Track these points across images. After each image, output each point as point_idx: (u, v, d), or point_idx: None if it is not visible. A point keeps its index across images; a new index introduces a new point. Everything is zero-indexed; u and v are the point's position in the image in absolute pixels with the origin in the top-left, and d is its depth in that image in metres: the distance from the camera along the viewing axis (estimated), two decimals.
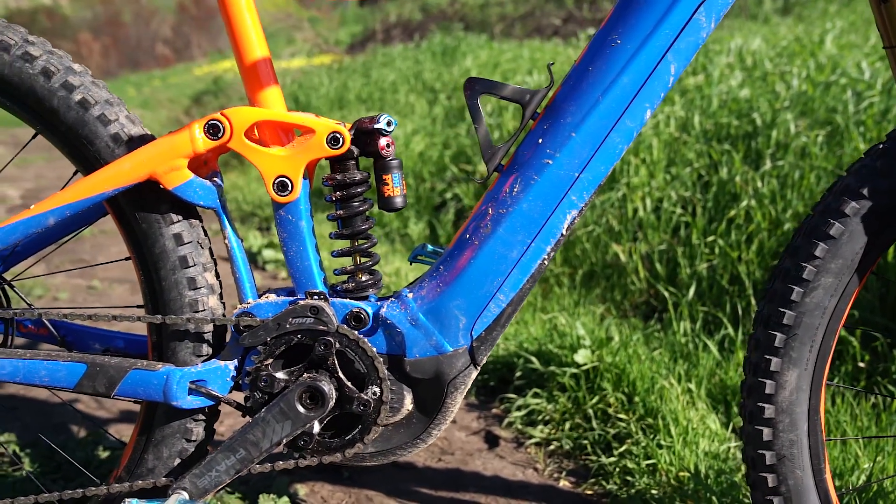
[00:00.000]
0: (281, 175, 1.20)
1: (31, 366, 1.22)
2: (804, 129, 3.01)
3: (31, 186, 6.79)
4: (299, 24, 12.87)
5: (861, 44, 4.27)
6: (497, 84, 1.19)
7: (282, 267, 3.91)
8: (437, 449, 2.16)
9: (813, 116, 3.10)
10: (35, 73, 1.20)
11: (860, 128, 2.84)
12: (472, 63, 6.21)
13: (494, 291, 1.20)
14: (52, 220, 1.20)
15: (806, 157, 2.90)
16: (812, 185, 2.74)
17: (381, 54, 8.27)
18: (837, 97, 3.17)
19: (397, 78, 6.44)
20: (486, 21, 11.32)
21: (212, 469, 1.22)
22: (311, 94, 6.84)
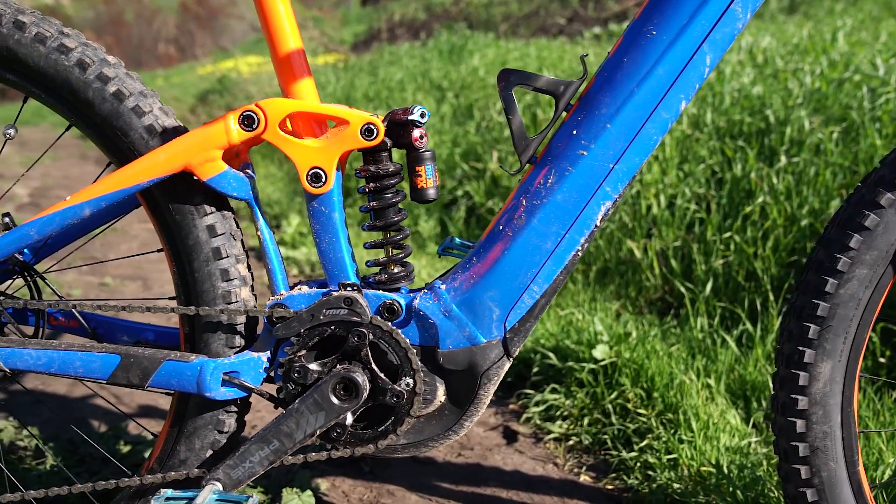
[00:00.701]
0: (315, 166, 1.20)
1: (66, 357, 1.22)
2: (818, 125, 3.01)
3: (38, 185, 6.80)
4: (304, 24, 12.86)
5: (871, 41, 4.26)
6: (531, 75, 1.19)
7: (293, 264, 3.91)
8: (457, 444, 2.17)
9: (827, 113, 3.10)
10: (70, 64, 1.20)
11: (876, 124, 2.84)
12: (480, 62, 6.21)
13: (528, 283, 1.20)
14: (87, 211, 1.20)
15: (821, 153, 2.89)
16: (828, 181, 2.73)
17: (387, 53, 8.28)
18: (851, 94, 3.17)
19: (405, 76, 6.44)
20: (491, 20, 11.31)
21: (245, 460, 1.23)
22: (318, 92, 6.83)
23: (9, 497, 1.27)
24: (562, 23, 10.89)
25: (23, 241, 1.21)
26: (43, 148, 9.59)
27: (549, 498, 1.90)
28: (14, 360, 1.21)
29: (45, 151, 1.43)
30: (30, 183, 6.83)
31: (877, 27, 5.03)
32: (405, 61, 7.26)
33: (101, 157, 9.23)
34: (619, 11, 11.02)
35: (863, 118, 2.88)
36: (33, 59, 1.20)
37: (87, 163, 8.74)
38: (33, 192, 6.35)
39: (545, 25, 10.86)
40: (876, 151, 2.69)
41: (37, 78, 1.22)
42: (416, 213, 4.27)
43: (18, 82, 1.23)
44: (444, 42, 7.78)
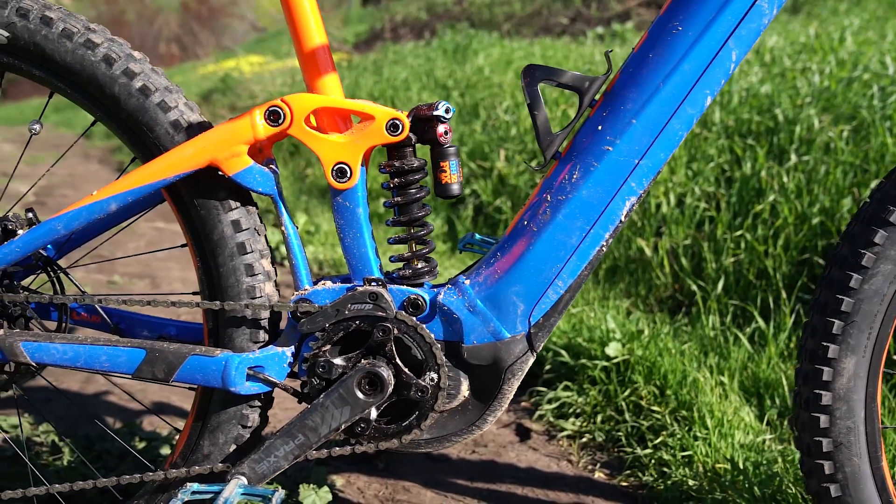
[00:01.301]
0: (340, 161, 1.21)
1: (91, 351, 1.22)
2: (828, 124, 3.01)
3: (43, 183, 6.80)
4: None
5: (878, 40, 4.27)
6: (556, 71, 1.20)
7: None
8: (470, 441, 2.17)
9: (836, 112, 3.11)
10: (97, 60, 1.21)
11: (886, 122, 2.84)
12: (485, 61, 6.21)
13: (553, 278, 1.21)
14: (114, 205, 1.20)
15: (831, 152, 2.90)
16: (838, 180, 2.74)
17: (391, 52, 8.28)
18: (860, 93, 3.17)
19: (409, 75, 6.44)
20: (494, 20, 11.32)
21: (270, 454, 1.23)
22: None
23: (34, 491, 1.27)
24: (564, 23, 10.89)
25: (49, 236, 1.21)
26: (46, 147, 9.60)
27: (564, 494, 1.91)
28: (41, 355, 1.22)
29: (72, 146, 1.43)
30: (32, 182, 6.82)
31: (883, 27, 5.03)
32: (409, 60, 7.27)
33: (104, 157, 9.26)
34: (621, 11, 11.02)
35: (873, 117, 2.88)
36: (60, 54, 1.21)
37: (91, 161, 8.76)
38: (38, 191, 6.34)
39: (548, 25, 10.87)
40: (887, 150, 2.69)
41: (63, 73, 1.22)
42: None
43: (45, 78, 1.23)
44: (448, 41, 7.79)
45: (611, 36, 8.87)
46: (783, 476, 1.73)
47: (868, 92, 3.12)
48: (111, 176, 7.85)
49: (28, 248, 1.21)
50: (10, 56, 1.22)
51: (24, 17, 1.20)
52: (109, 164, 8.79)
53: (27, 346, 1.21)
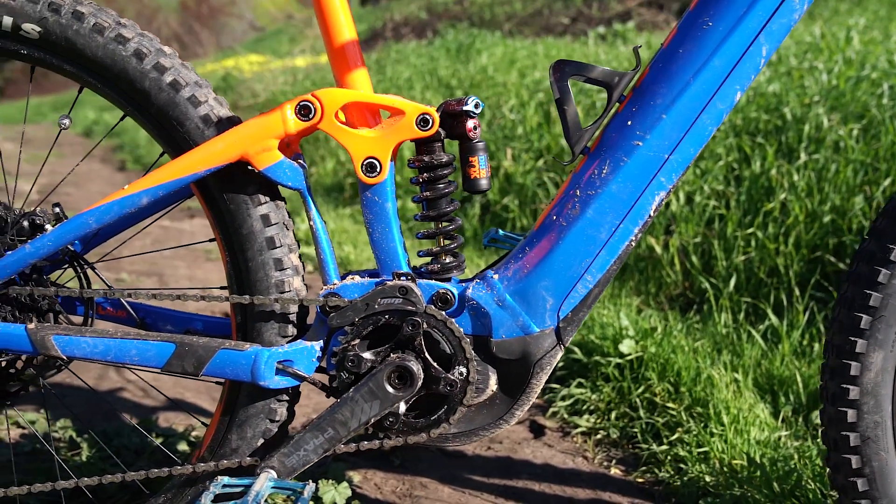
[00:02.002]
0: (370, 156, 1.21)
1: (121, 345, 1.23)
2: (837, 123, 3.02)
3: (45, 181, 6.78)
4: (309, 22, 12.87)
5: (883, 39, 4.28)
6: (587, 66, 1.20)
7: (308, 261, 3.92)
8: (485, 437, 2.17)
9: (844, 111, 3.11)
10: (128, 54, 1.21)
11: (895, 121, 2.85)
12: (489, 60, 6.22)
13: (582, 272, 1.21)
14: (145, 199, 1.21)
15: (841, 150, 2.91)
16: (849, 178, 2.75)
17: (394, 51, 8.28)
18: (869, 91, 3.18)
19: (413, 74, 6.45)
20: (495, 20, 11.32)
21: (300, 448, 1.23)
22: None
23: (64, 484, 1.28)
24: (565, 22, 10.91)
25: (81, 230, 1.21)
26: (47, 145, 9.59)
27: (581, 491, 1.91)
28: (72, 348, 1.22)
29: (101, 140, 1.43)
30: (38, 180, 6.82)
31: (887, 26, 5.05)
32: (412, 59, 7.27)
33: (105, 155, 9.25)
34: (622, 11, 11.04)
35: (883, 115, 2.89)
36: (91, 49, 1.21)
37: (93, 160, 8.74)
38: (42, 189, 6.33)
39: (549, 25, 10.88)
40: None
41: (94, 68, 1.22)
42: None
43: (75, 73, 1.24)
44: (451, 40, 7.79)
45: (612, 36, 8.87)
46: (802, 472, 1.73)
47: (877, 91, 3.13)
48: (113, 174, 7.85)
49: (59, 241, 1.22)
50: (41, 51, 1.23)
51: (56, 12, 1.20)
52: (111, 163, 8.79)
53: (58, 339, 1.22)
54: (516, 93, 4.84)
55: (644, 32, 9.19)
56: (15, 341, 1.22)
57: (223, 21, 31.08)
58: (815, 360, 2.26)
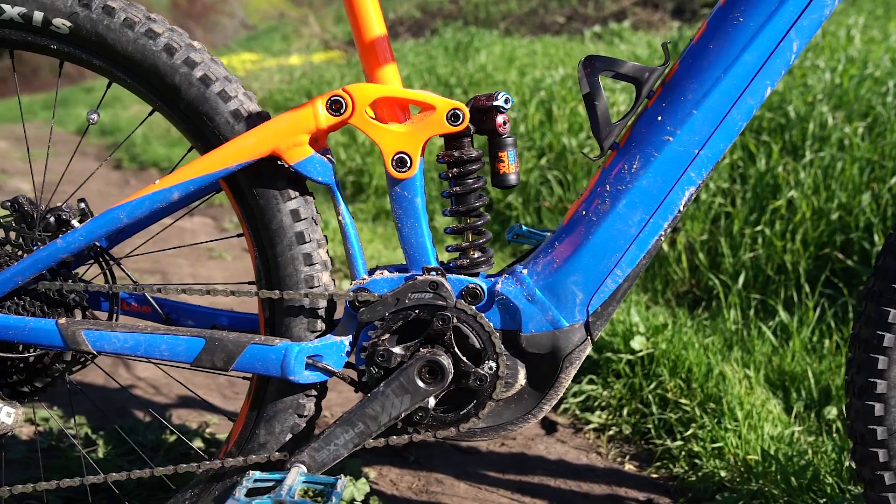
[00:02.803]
0: (400, 151, 1.21)
1: (151, 340, 1.22)
2: (841, 121, 3.04)
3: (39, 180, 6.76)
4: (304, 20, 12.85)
5: (883, 39, 4.30)
6: (617, 61, 1.21)
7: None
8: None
9: (848, 109, 3.13)
10: (158, 49, 1.21)
11: None
12: (487, 59, 6.22)
13: (612, 267, 1.22)
14: (176, 194, 1.21)
15: (845, 148, 2.92)
16: (854, 176, 2.76)
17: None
18: (872, 90, 3.20)
19: (411, 73, 6.44)
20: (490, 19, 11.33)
21: (330, 443, 1.23)
22: (324, 88, 6.84)
23: (92, 479, 1.27)
24: (561, 21, 10.92)
25: (112, 225, 1.21)
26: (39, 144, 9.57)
27: (597, 486, 1.92)
28: (102, 343, 1.22)
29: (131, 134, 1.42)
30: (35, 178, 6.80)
31: (885, 26, 5.07)
32: (410, 58, 7.27)
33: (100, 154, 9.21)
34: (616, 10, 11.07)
35: (889, 113, 2.91)
36: (122, 44, 1.21)
37: (87, 159, 8.70)
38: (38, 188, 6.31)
39: (544, 24, 10.89)
40: None
41: (124, 63, 1.22)
42: (432, 209, 4.28)
43: (104, 67, 1.23)
44: (448, 39, 7.79)
45: (608, 35, 8.90)
46: (819, 466, 1.74)
47: (881, 89, 3.15)
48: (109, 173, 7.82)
49: (90, 236, 1.21)
50: (70, 46, 1.22)
51: (87, 7, 1.20)
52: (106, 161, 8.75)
53: (89, 334, 1.21)
54: (517, 91, 4.84)
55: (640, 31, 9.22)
56: (45, 336, 1.22)
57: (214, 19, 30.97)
58: (825, 356, 2.27)
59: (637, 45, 6.16)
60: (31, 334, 1.22)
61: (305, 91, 7.00)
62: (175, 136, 8.19)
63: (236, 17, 31.27)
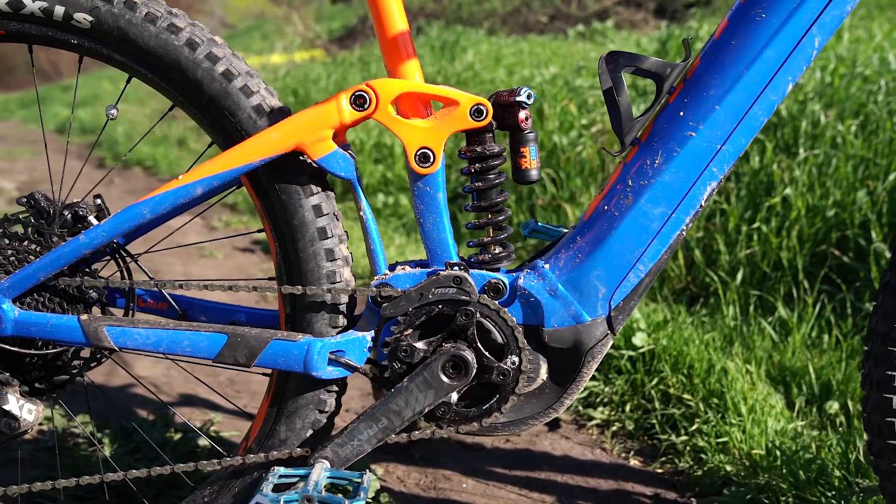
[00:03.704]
0: (424, 146, 1.21)
1: (174, 336, 1.22)
2: (833, 119, 3.07)
3: (25, 178, 6.72)
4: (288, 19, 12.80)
5: (869, 38, 4.35)
6: (639, 57, 1.21)
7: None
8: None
9: (839, 107, 3.16)
10: (180, 44, 1.20)
11: (894, 117, 2.90)
12: (475, 58, 6.23)
13: (634, 262, 1.23)
14: (199, 189, 1.20)
15: (838, 146, 2.95)
16: (848, 173, 2.79)
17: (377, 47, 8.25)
18: (863, 88, 3.23)
19: None
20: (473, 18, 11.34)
21: (354, 438, 1.23)
22: (310, 87, 6.82)
23: (112, 476, 1.27)
24: (544, 21, 10.96)
25: (135, 220, 1.21)
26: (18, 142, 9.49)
27: (604, 481, 1.93)
28: (124, 339, 1.21)
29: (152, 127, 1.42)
30: (16, 177, 6.75)
31: (869, 26, 5.13)
32: None
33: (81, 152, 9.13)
34: (599, 10, 11.12)
35: (881, 111, 2.94)
36: (143, 38, 1.20)
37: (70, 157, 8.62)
38: (21, 186, 6.26)
39: (527, 23, 10.92)
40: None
41: (145, 58, 1.21)
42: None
43: (125, 62, 1.23)
44: (434, 38, 7.79)
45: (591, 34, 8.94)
46: (826, 460, 1.76)
47: (871, 88, 3.18)
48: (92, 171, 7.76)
49: (113, 232, 1.21)
50: (91, 41, 1.21)
51: (108, 1, 1.19)
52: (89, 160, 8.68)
53: (111, 330, 1.21)
54: None
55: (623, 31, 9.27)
56: (68, 332, 1.21)
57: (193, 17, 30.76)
58: (826, 352, 2.30)
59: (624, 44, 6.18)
60: (54, 330, 1.21)
61: (291, 90, 6.97)
62: (159, 135, 8.13)
63: (215, 16, 31.09)
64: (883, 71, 3.32)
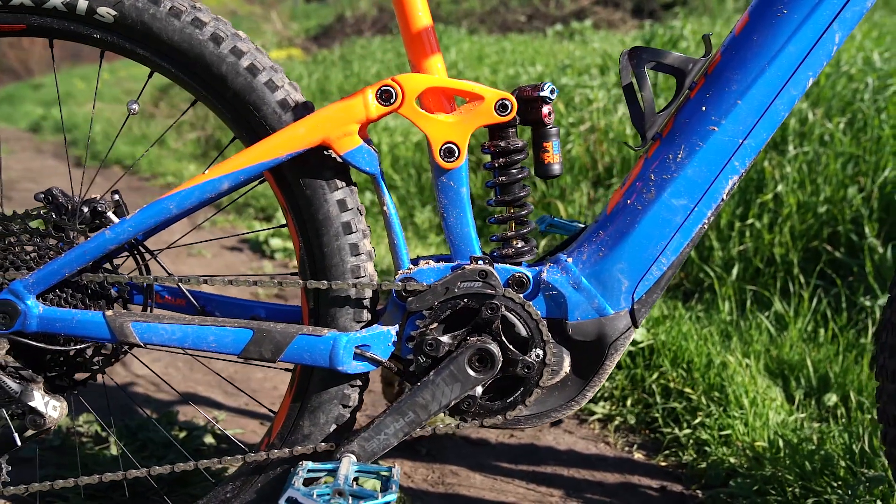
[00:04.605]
0: (449, 141, 1.22)
1: (199, 332, 1.22)
2: (821, 117, 3.11)
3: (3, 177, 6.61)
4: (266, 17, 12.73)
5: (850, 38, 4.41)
6: (661, 52, 1.23)
7: (291, 256, 3.89)
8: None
9: (826, 105, 3.21)
10: (205, 39, 1.20)
11: (882, 115, 2.95)
12: (457, 56, 6.24)
13: (657, 255, 1.24)
14: (226, 184, 1.20)
15: (826, 144, 2.99)
16: (837, 170, 2.83)
17: (359, 46, 8.25)
18: (848, 87, 3.28)
19: (380, 69, 6.43)
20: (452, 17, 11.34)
21: (381, 432, 1.24)
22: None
23: (135, 473, 1.26)
24: (522, 20, 10.98)
25: (162, 215, 1.20)
26: None
27: (609, 475, 1.94)
28: (149, 335, 1.21)
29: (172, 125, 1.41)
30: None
31: None
32: (379, 55, 7.26)
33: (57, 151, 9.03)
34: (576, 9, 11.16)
35: (869, 109, 2.98)
36: (167, 33, 1.19)
37: (44, 157, 8.54)
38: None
39: (506, 22, 10.94)
40: (888, 141, 2.79)
41: (169, 52, 1.21)
42: (411, 205, 4.29)
43: (147, 57, 1.22)
44: None
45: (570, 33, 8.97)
46: (830, 451, 1.79)
47: (856, 86, 3.23)
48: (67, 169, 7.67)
49: (139, 227, 1.20)
50: (114, 35, 1.21)
51: None
52: (63, 158, 8.58)
53: (137, 326, 1.20)
54: None
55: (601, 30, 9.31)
56: (93, 328, 1.20)
57: None
58: (822, 345, 2.33)
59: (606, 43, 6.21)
60: (79, 326, 1.20)
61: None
62: (138, 134, 8.06)
63: None
64: (868, 70, 3.37)
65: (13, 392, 1.19)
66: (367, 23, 11.09)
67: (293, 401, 1.31)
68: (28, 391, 1.20)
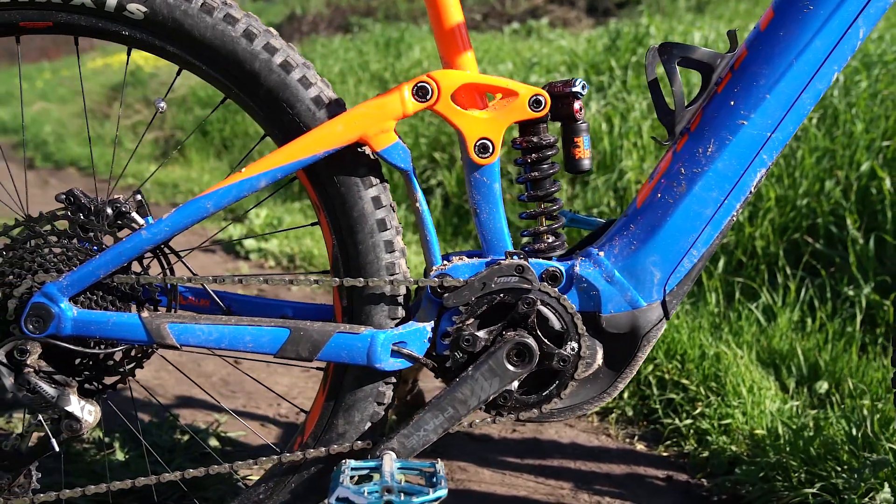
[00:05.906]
0: (483, 137, 1.23)
1: (236, 332, 1.20)
2: None
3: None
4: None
5: None
6: (690, 47, 1.25)
7: (269, 256, 3.86)
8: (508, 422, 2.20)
9: None
10: (237, 35, 1.19)
11: (853, 109, 3.02)
12: (422, 54, 6.23)
13: (688, 247, 1.26)
14: (263, 182, 1.19)
15: (802, 139, 3.06)
16: (812, 164, 2.90)
17: (320, 45, 8.19)
18: None
19: (343, 69, 6.40)
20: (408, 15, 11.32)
21: (420, 428, 1.24)
22: None
23: (169, 477, 1.24)
24: (478, 18, 11.01)
25: (199, 215, 1.18)
26: None
27: (615, 466, 1.97)
28: (186, 336, 1.19)
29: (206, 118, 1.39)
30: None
31: None
32: (341, 54, 7.21)
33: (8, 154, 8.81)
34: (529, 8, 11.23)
35: (840, 104, 3.06)
36: (199, 30, 1.18)
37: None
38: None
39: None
40: (861, 136, 2.86)
41: (200, 49, 1.19)
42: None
43: (177, 54, 1.20)
44: (378, 35, 7.76)
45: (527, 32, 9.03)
46: (832, 437, 1.83)
47: None
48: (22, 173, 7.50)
49: (176, 227, 1.19)
50: (144, 32, 1.19)
51: None
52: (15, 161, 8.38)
53: (173, 327, 1.18)
54: None
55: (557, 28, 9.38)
56: (129, 330, 1.18)
57: None
58: (811, 334, 2.38)
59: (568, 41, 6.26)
60: (115, 329, 1.18)
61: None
62: (93, 135, 7.91)
63: None
64: None
65: (50, 397, 1.16)
66: (324, 22, 11.02)
67: (326, 399, 1.30)
68: (64, 395, 1.17)
